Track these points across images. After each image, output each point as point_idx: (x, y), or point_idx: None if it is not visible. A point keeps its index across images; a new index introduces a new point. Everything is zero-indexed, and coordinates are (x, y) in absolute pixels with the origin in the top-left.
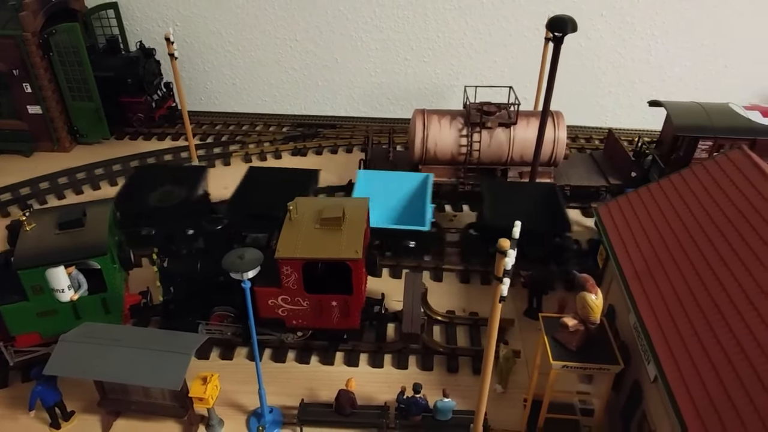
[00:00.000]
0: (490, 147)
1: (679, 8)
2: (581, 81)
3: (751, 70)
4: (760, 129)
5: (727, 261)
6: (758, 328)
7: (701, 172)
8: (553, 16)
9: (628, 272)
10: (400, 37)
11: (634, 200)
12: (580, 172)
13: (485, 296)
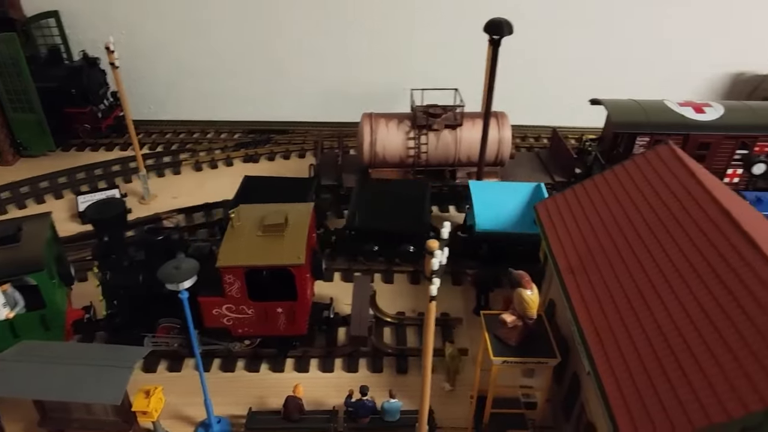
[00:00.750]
0: (437, 149)
1: (617, 9)
2: (528, 81)
3: (687, 68)
4: (693, 124)
5: (654, 254)
6: (681, 319)
7: (631, 167)
8: (490, 20)
9: (563, 267)
10: (350, 40)
11: (570, 197)
12: (527, 170)
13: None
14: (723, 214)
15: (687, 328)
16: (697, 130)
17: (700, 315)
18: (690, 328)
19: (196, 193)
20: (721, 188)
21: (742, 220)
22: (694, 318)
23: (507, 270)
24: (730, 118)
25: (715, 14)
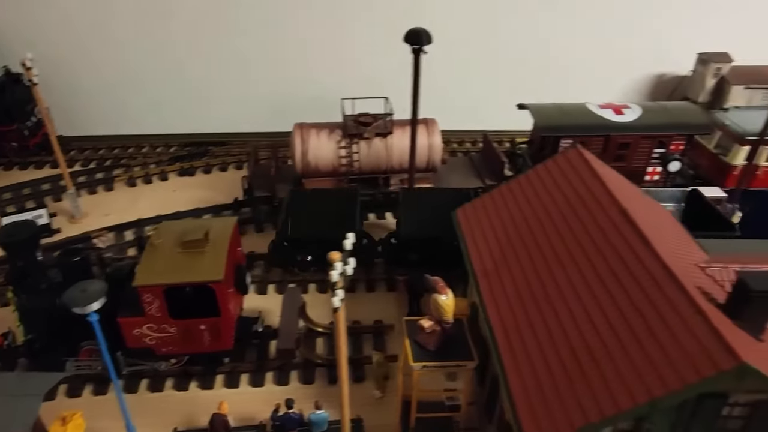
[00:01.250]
0: (369, 157)
1: (543, 16)
2: (462, 87)
3: (612, 70)
4: (613, 125)
5: (560, 255)
6: (581, 318)
7: (543, 171)
8: (409, 30)
9: (478, 271)
10: (285, 50)
11: (488, 202)
12: (460, 175)
13: (369, 304)
14: (622, 214)
15: (586, 327)
16: (616, 131)
17: (598, 313)
18: (589, 327)
19: (129, 209)
20: (626, 188)
21: (640, 220)
22: (593, 316)
23: (423, 276)
24: (647, 118)
25: (636, 18)
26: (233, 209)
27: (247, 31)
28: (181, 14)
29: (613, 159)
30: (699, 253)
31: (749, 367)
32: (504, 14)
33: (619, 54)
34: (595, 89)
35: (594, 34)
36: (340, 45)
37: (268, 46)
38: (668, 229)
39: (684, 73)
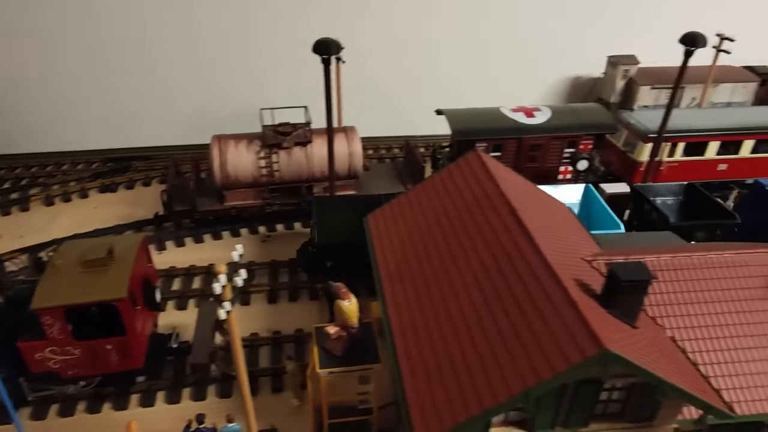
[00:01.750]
0: (289, 166)
1: (462, 20)
2: (384, 94)
3: (532, 73)
4: (525, 128)
5: (456, 256)
6: (471, 316)
7: (446, 175)
8: (318, 41)
9: (383, 275)
10: (208, 63)
11: (395, 207)
12: (383, 181)
13: (292, 313)
14: (511, 213)
15: (474, 323)
16: (528, 133)
17: (485, 310)
18: (476, 323)
19: (46, 229)
20: (524, 189)
21: (529, 219)
22: (480, 313)
23: (327, 282)
24: (556, 120)
25: (552, 23)
26: (154, 224)
27: (167, 45)
28: (101, 29)
29: (528, 160)
30: (591, 247)
31: (611, 353)
32: (422, 21)
33: (538, 58)
34: (517, 93)
35: (514, 39)
36: (259, 56)
37: (190, 58)
38: (563, 226)
39: (597, 75)
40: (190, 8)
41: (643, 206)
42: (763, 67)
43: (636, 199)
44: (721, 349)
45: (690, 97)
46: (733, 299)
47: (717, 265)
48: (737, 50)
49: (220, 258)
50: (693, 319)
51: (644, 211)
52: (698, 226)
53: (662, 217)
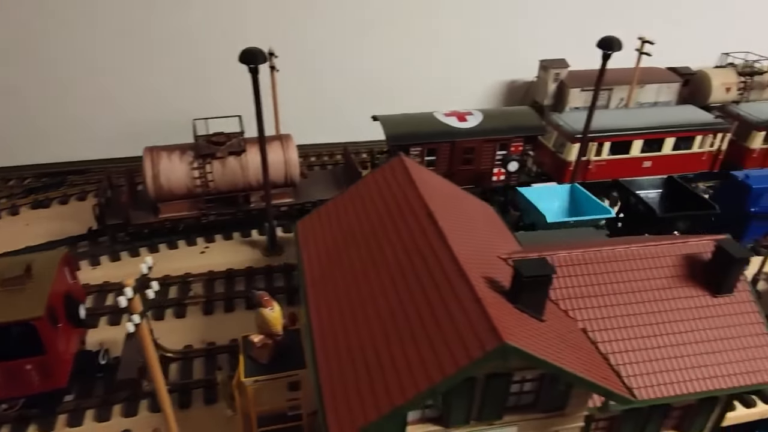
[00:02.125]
0: (224, 176)
1: (399, 26)
2: (321, 101)
3: (469, 78)
4: (457, 132)
5: (376, 260)
6: (387, 318)
7: (371, 180)
8: (244, 50)
9: (308, 281)
10: (139, 74)
11: (323, 212)
12: (321, 188)
13: (228, 324)
14: (428, 215)
15: (389, 326)
16: (461, 137)
17: (400, 312)
18: (391, 325)
19: None
20: (445, 191)
21: (446, 220)
22: (395, 315)
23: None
24: (487, 123)
25: (487, 31)
26: (89, 239)
27: (101, 56)
28: (30, 42)
29: (462, 163)
30: (511, 245)
31: (510, 346)
32: (360, 27)
33: (475, 63)
34: (456, 97)
35: (453, 45)
36: (195, 66)
37: (125, 68)
38: (484, 226)
39: (531, 78)
40: (122, 18)
41: (629, 200)
42: (685, 68)
43: (622, 193)
44: (628, 338)
45: (618, 98)
46: (639, 290)
47: (625, 258)
48: (663, 52)
49: (156, 271)
50: (603, 311)
51: (631, 204)
52: (683, 216)
53: (649, 210)
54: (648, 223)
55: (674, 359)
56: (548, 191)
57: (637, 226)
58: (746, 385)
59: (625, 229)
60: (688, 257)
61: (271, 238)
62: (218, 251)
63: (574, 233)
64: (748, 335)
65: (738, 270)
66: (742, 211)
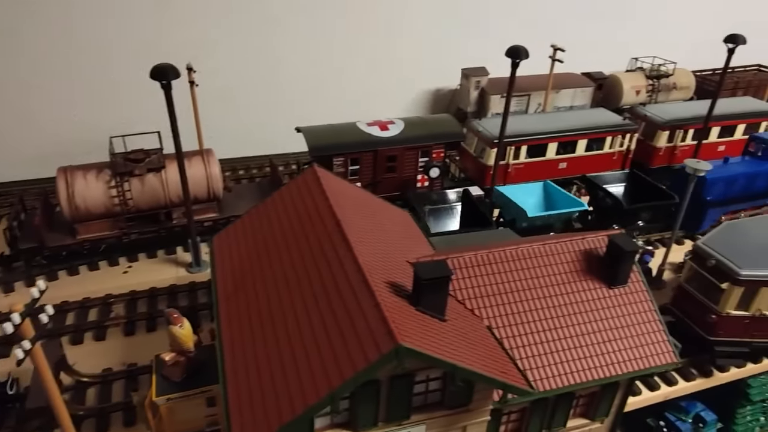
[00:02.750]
0: (144, 194)
1: (326, 37)
2: (251, 114)
3: (396, 86)
4: (380, 141)
5: (287, 271)
6: (293, 328)
7: (285, 191)
8: (154, 66)
9: (220, 296)
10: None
11: (239, 226)
12: (247, 202)
13: (150, 344)
14: (336, 224)
15: (296, 337)
16: (383, 145)
17: (306, 322)
18: (297, 336)
19: None
20: (358, 200)
21: (354, 228)
22: (301, 326)
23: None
24: (409, 131)
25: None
26: (2, 265)
27: (13, 73)
28: None
29: (385, 171)
30: (423, 250)
31: (403, 347)
32: (283, 39)
33: (402, 73)
34: (383, 106)
35: (379, 55)
36: (112, 83)
37: (40, 87)
38: (397, 232)
39: (455, 86)
40: (35, 34)
41: (597, 194)
42: (598, 73)
43: (590, 188)
44: (531, 332)
45: (536, 103)
46: (541, 286)
47: (527, 257)
48: (579, 58)
49: (76, 294)
50: (507, 308)
51: (599, 198)
52: (646, 207)
53: (616, 202)
54: (616, 214)
55: (574, 350)
56: (523, 189)
57: (606, 218)
58: (642, 369)
59: (596, 221)
60: (585, 252)
61: (195, 254)
62: (142, 270)
63: (487, 235)
64: (643, 323)
65: (629, 262)
66: (699, 200)
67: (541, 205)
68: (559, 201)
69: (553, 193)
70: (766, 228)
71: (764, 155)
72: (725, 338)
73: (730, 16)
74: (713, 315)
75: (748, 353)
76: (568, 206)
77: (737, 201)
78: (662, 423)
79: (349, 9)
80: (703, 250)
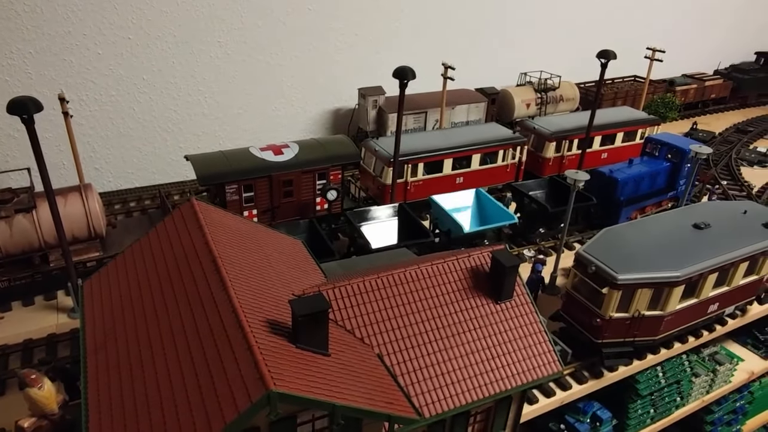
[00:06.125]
0: (14, 237)
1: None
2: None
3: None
4: (274, 165)
5: (160, 314)
6: (164, 378)
7: (162, 228)
8: (11, 100)
9: (89, 348)
10: None
11: (112, 268)
12: (135, 236)
13: None
14: (212, 262)
15: (165, 387)
16: (278, 170)
17: (177, 370)
18: (167, 386)
19: None
20: (241, 233)
21: (231, 264)
22: (172, 374)
23: None
24: (304, 155)
25: (303, 62)
26: None
27: None
28: None
29: (282, 195)
30: (315, 279)
31: (276, 393)
32: (173, 65)
33: (298, 94)
34: (281, 130)
35: (270, 76)
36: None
37: None
38: (284, 264)
39: (352, 106)
40: None
41: (524, 200)
42: (491, 88)
43: (517, 196)
44: (420, 356)
45: (434, 120)
46: (430, 307)
47: (415, 279)
48: (470, 75)
49: None
50: (396, 333)
51: (525, 204)
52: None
53: (542, 207)
54: (541, 218)
55: (465, 369)
56: (457, 198)
57: (532, 222)
58: (531, 381)
59: (524, 226)
60: (471, 270)
61: (77, 298)
62: (16, 320)
63: (389, 256)
64: (529, 335)
65: (512, 276)
66: (613, 199)
67: (474, 214)
68: (490, 210)
69: (484, 201)
70: (641, 232)
71: (660, 154)
72: (611, 339)
73: (608, 32)
74: (598, 319)
75: (632, 351)
76: (498, 215)
77: (644, 198)
78: (562, 426)
79: (239, 30)
80: (584, 257)
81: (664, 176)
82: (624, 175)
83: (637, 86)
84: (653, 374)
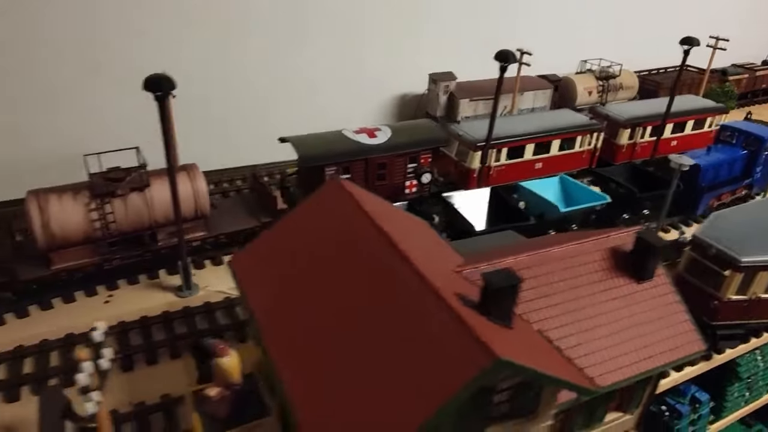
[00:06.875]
0: (127, 215)
1: (295, 46)
2: (220, 124)
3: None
4: (369, 148)
5: (333, 287)
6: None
7: (307, 206)
8: (147, 78)
9: (259, 317)
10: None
11: (262, 244)
12: (233, 216)
13: (153, 379)
14: (383, 237)
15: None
16: (373, 153)
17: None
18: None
19: None
20: (385, 210)
21: (400, 240)
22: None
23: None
24: (396, 138)
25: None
26: None
27: None
28: None
29: (377, 179)
30: (454, 257)
31: (503, 361)
32: (251, 46)
33: (367, 79)
34: (351, 114)
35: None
36: (77, 96)
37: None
38: (424, 240)
39: (421, 92)
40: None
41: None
42: (552, 75)
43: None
44: (577, 332)
45: (502, 106)
46: (576, 286)
47: (560, 258)
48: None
49: (53, 332)
50: (549, 311)
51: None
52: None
53: (630, 192)
54: (628, 204)
55: (617, 346)
56: (543, 185)
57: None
58: (677, 359)
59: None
60: (611, 250)
61: (186, 276)
62: (125, 299)
63: (495, 238)
64: (672, 314)
65: (656, 257)
66: (695, 186)
67: (561, 199)
68: (579, 194)
69: (569, 186)
70: (751, 216)
71: (737, 142)
72: (726, 322)
73: (655, 23)
74: (716, 301)
75: (743, 334)
76: (589, 199)
77: (722, 185)
78: (663, 408)
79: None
80: (704, 240)
81: (741, 164)
82: (705, 162)
83: (693, 75)
84: (752, 358)
